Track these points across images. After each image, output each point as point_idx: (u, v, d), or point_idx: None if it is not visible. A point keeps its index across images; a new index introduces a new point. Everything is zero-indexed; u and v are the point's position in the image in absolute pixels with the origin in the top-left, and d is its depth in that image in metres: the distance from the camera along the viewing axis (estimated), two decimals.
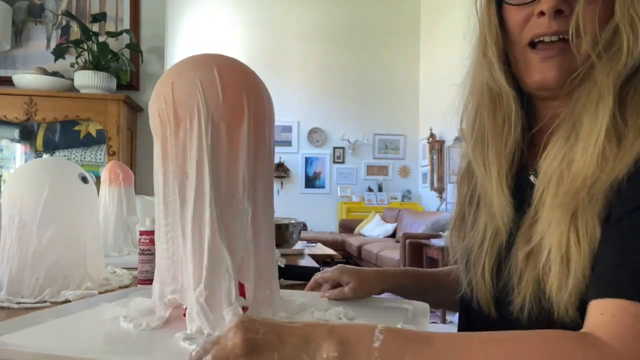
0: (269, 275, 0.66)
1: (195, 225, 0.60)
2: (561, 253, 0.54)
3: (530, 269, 0.59)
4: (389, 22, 7.48)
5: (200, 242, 0.60)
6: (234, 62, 0.65)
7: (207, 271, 0.59)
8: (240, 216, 0.62)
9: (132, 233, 1.57)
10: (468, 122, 0.72)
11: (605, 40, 0.58)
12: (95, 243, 1.00)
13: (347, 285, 0.79)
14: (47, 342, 0.58)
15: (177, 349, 0.55)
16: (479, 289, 0.68)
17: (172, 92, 0.61)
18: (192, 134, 0.60)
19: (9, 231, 0.90)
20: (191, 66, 0.63)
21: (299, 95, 7.25)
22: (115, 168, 1.59)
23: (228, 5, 7.12)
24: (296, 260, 1.57)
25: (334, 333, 0.45)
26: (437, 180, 6.61)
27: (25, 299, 0.86)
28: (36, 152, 2.66)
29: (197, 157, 0.60)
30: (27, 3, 2.74)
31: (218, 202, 0.60)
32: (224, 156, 0.61)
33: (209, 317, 0.58)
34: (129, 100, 2.60)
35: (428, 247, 4.05)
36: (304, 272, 1.16)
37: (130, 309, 0.66)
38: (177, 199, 0.61)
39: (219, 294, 0.59)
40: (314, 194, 7.38)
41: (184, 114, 0.61)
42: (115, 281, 1.02)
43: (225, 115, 0.61)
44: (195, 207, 0.60)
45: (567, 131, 0.60)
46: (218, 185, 0.61)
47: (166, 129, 0.62)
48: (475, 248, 0.69)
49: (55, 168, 0.96)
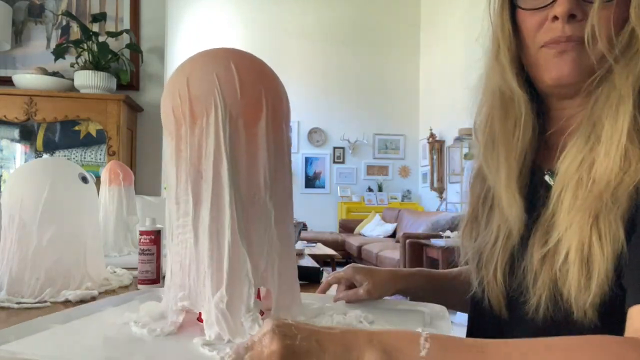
0: (292, 280, 0.64)
1: (212, 228, 0.56)
2: (582, 255, 0.54)
3: (546, 270, 0.59)
4: (389, 22, 7.49)
5: (218, 245, 0.56)
6: (251, 57, 0.63)
7: (228, 276, 0.56)
8: (263, 218, 0.59)
9: (132, 233, 1.58)
10: (480, 124, 0.73)
11: (622, 44, 0.59)
12: (95, 243, 1.00)
13: (361, 287, 0.79)
14: (59, 349, 0.54)
15: (196, 355, 0.52)
16: (491, 289, 0.67)
17: (188, 88, 0.58)
18: (208, 131, 0.57)
19: (9, 231, 0.90)
20: (207, 61, 0.60)
21: (299, 95, 7.25)
22: (115, 168, 1.59)
23: (228, 5, 7.12)
24: (296, 260, 1.56)
25: (376, 341, 0.43)
26: (437, 180, 6.61)
27: (25, 299, 0.86)
28: (36, 152, 2.66)
29: (215, 156, 0.57)
30: (27, 3, 2.74)
31: (239, 203, 0.57)
32: (243, 154, 0.58)
33: (229, 323, 0.55)
34: (129, 100, 2.60)
35: (428, 247, 4.05)
36: (304, 272, 1.16)
37: (141, 313, 0.63)
38: (191, 200, 0.57)
39: (239, 299, 0.56)
40: (314, 194, 7.38)
41: (201, 111, 0.58)
42: (115, 281, 1.02)
43: (244, 112, 0.58)
44: (212, 209, 0.56)
45: (587, 133, 0.60)
46: (238, 185, 0.57)
47: (181, 126, 0.59)
48: (488, 248, 0.69)
49: (55, 168, 0.96)
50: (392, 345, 0.43)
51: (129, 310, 0.67)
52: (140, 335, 0.58)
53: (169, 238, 0.62)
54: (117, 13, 2.78)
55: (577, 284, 0.54)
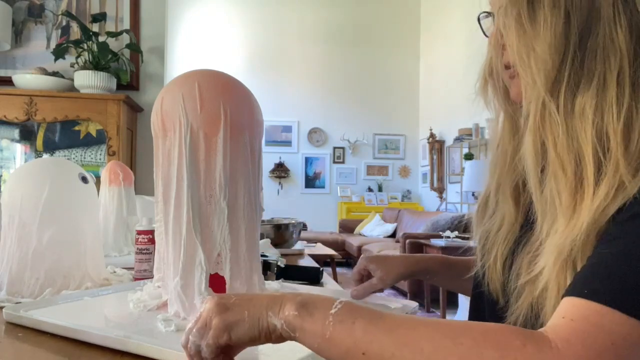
0: (249, 269, 0.73)
1: (175, 223, 0.69)
2: (556, 292, 0.53)
3: (527, 294, 0.58)
4: (389, 22, 7.49)
5: (179, 238, 0.69)
6: (217, 76, 0.73)
7: (183, 264, 0.68)
8: (218, 214, 0.70)
9: (132, 233, 1.57)
10: (492, 127, 0.73)
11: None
12: (95, 243, 1.00)
13: (374, 276, 0.81)
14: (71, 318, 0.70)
15: (153, 326, 0.66)
16: (491, 273, 0.68)
17: (161, 106, 0.71)
18: (174, 142, 0.69)
19: (9, 231, 0.90)
20: (178, 82, 0.72)
21: (299, 95, 7.26)
22: (115, 168, 1.59)
23: (228, 5, 7.12)
24: (296, 260, 1.57)
25: (300, 297, 0.49)
26: (437, 180, 6.61)
27: (25, 299, 0.86)
28: (36, 152, 2.66)
29: (178, 162, 0.69)
30: (27, 3, 2.74)
31: (195, 202, 0.69)
32: (202, 161, 0.69)
33: (184, 303, 0.68)
34: (129, 100, 2.60)
35: (428, 247, 4.05)
36: (304, 272, 1.16)
37: (143, 293, 0.77)
38: (162, 200, 0.71)
39: (193, 284, 0.68)
40: (314, 194, 7.38)
41: (170, 125, 0.70)
42: (115, 281, 1.02)
43: (203, 124, 0.69)
44: (175, 207, 0.69)
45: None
46: (196, 186, 0.69)
47: (158, 138, 0.72)
48: (493, 233, 0.69)
49: (55, 168, 0.96)
50: (310, 301, 0.49)
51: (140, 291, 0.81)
52: (131, 310, 0.74)
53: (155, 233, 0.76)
54: (117, 13, 2.78)
55: (550, 316, 0.53)
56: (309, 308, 0.48)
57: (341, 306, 0.48)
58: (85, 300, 0.82)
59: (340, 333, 0.46)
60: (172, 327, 0.64)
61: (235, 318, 0.48)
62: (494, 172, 0.70)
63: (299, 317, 0.48)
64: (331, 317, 0.47)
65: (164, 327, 0.64)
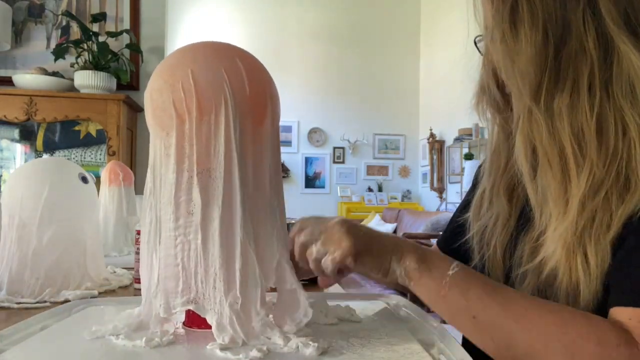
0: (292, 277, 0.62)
1: (222, 227, 0.54)
2: (568, 276, 0.55)
3: (532, 278, 0.60)
4: (389, 22, 7.49)
5: (229, 245, 0.54)
6: (252, 55, 0.60)
7: (241, 278, 0.54)
8: (270, 217, 0.57)
9: (132, 233, 1.57)
10: (488, 136, 0.76)
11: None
12: (95, 243, 1.00)
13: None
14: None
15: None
16: (491, 263, 0.70)
17: (194, 81, 0.54)
18: (217, 129, 0.54)
19: (9, 231, 0.90)
20: (211, 54, 0.56)
21: (299, 95, 7.25)
22: (115, 168, 1.59)
23: (228, 5, 7.12)
24: None
25: (420, 251, 0.57)
26: (437, 181, 6.61)
27: (25, 299, 0.86)
28: (36, 152, 2.66)
29: (225, 154, 0.54)
30: (27, 3, 2.74)
31: (247, 202, 0.55)
32: (251, 154, 0.56)
33: (243, 325, 0.53)
34: (129, 100, 2.60)
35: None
36: None
37: (120, 324, 0.56)
38: (199, 198, 0.54)
39: (251, 301, 0.54)
40: (314, 194, 7.38)
41: (209, 106, 0.54)
42: (115, 281, 1.02)
43: (251, 110, 0.56)
44: (223, 208, 0.53)
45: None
46: (246, 184, 0.55)
47: (183, 121, 0.54)
48: (489, 227, 0.71)
49: (55, 168, 0.96)
50: (429, 258, 0.56)
51: (73, 323, 0.63)
52: (133, 349, 0.52)
53: (155, 241, 0.56)
54: (117, 13, 2.78)
55: (564, 301, 0.57)
56: (428, 264, 0.55)
57: (458, 269, 0.54)
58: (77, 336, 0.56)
59: (455, 294, 0.53)
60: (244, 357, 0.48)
61: (365, 248, 0.56)
62: (489, 172, 0.72)
63: (417, 270, 0.55)
64: (448, 278, 0.53)
65: (243, 358, 0.49)
